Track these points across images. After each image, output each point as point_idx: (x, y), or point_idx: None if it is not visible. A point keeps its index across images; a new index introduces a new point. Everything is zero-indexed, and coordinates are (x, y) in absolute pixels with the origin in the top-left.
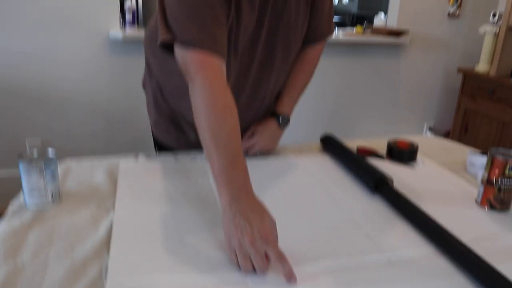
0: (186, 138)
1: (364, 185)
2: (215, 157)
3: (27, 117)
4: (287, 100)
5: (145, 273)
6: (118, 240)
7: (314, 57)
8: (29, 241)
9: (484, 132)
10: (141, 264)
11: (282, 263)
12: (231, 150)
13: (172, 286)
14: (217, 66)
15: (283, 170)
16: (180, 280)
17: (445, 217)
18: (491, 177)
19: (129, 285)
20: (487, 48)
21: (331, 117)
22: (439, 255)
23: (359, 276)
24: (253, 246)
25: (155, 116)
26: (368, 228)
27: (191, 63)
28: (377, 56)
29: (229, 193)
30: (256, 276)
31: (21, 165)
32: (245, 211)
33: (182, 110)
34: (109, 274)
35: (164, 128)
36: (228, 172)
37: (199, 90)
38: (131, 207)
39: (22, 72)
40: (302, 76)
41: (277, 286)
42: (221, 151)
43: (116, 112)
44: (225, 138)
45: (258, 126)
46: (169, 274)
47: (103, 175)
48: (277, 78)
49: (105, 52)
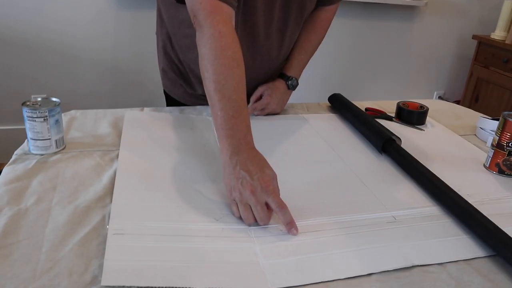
0: (193, 91)
1: (372, 145)
2: (218, 109)
3: (32, 77)
4: (297, 62)
5: (147, 219)
6: (121, 185)
7: (326, 19)
8: (33, 187)
9: (495, 102)
10: (144, 210)
11: (283, 212)
12: (235, 102)
13: (174, 233)
14: (227, 15)
15: (290, 127)
16: (182, 228)
17: (453, 179)
18: (501, 140)
19: (131, 229)
20: (506, 14)
21: (340, 78)
22: (445, 215)
23: (364, 231)
24: (254, 196)
25: (164, 65)
26: (374, 186)
27: (200, 8)
28: (390, 18)
29: (230, 145)
30: (258, 227)
31: (25, 111)
32: (246, 163)
33: (189, 62)
34: (111, 217)
35: (172, 78)
36: (231, 124)
37: (207, 37)
38: (135, 154)
39: (26, 29)
40: (313, 38)
41: (279, 236)
42: (225, 103)
43: (124, 71)
44: (230, 90)
45: (267, 88)
46: (171, 221)
47: (108, 126)
48: (290, 38)
49: (113, 6)
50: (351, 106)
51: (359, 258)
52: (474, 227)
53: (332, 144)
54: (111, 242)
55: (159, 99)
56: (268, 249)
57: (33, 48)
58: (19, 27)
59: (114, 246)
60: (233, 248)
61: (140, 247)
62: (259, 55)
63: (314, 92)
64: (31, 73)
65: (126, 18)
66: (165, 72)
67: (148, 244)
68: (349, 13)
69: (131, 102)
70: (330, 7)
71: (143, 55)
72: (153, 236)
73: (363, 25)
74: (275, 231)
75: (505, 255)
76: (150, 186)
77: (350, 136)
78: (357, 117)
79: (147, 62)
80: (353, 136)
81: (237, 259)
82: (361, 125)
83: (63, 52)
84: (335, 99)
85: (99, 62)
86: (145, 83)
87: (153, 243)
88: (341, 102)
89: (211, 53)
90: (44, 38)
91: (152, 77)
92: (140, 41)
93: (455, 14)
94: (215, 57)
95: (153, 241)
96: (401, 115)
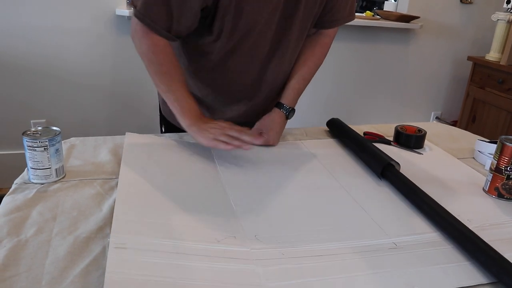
0: None
1: (371, 170)
2: (165, 91)
3: (31, 101)
4: (295, 92)
5: (149, 235)
6: (122, 201)
7: (325, 45)
8: (33, 217)
9: (492, 123)
10: (145, 226)
11: (242, 134)
12: (177, 85)
13: (176, 251)
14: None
15: (289, 153)
16: (183, 246)
17: (452, 204)
18: (500, 165)
19: (132, 244)
20: (499, 36)
21: (338, 100)
22: (446, 241)
23: (365, 258)
24: (221, 129)
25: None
26: (375, 212)
27: (136, 31)
28: (386, 41)
29: (187, 119)
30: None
31: (25, 141)
32: (204, 126)
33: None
34: (112, 230)
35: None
36: (182, 103)
37: (140, 41)
38: (136, 174)
39: (25, 55)
40: (312, 65)
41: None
42: (169, 87)
43: (122, 96)
44: (169, 76)
45: (264, 125)
46: (173, 239)
47: (108, 153)
48: (290, 59)
49: (111, 30)
50: (350, 131)
51: (361, 284)
52: (476, 254)
53: (332, 170)
54: (112, 255)
55: (157, 125)
56: (270, 272)
57: (32, 73)
58: (18, 53)
59: (116, 260)
60: (235, 269)
61: (142, 262)
62: (257, 76)
63: (312, 115)
64: (30, 98)
65: (124, 44)
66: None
67: (150, 259)
68: (346, 36)
69: (129, 128)
70: (329, 31)
71: (141, 80)
72: (154, 252)
73: (360, 48)
74: (278, 254)
75: (508, 282)
76: (151, 206)
77: (349, 161)
78: (355, 142)
79: (145, 88)
80: (352, 161)
81: (239, 281)
82: (360, 151)
83: (61, 77)
84: (334, 124)
85: (97, 87)
86: (143, 109)
87: (155, 259)
88: (339, 127)
89: (145, 48)
90: (43, 64)
91: (150, 103)
92: (138, 66)
93: (449, 36)
94: (150, 50)
95: (155, 257)
96: (399, 139)
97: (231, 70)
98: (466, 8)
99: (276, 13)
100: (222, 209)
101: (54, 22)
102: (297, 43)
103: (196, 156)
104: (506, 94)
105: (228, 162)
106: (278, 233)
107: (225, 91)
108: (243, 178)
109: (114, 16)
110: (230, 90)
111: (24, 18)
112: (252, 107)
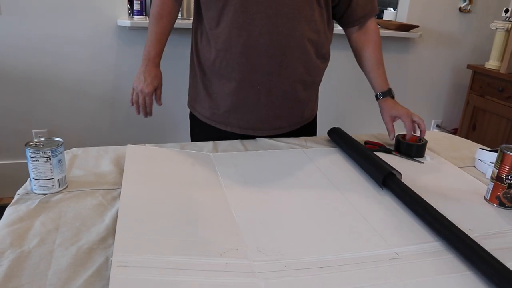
0: (216, 107)
1: (372, 180)
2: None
3: (33, 111)
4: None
5: (151, 251)
6: (124, 217)
7: (375, 29)
8: (35, 228)
9: (492, 131)
10: (147, 242)
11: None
12: (155, 37)
13: (178, 267)
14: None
15: (290, 162)
16: (185, 261)
17: (454, 213)
18: (501, 173)
19: (134, 261)
20: (498, 44)
21: (339, 109)
22: (448, 250)
23: (367, 268)
24: (141, 91)
25: (191, 78)
26: (376, 223)
27: None
28: (386, 50)
29: (144, 58)
30: (261, 262)
31: (28, 152)
32: (146, 71)
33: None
34: (115, 249)
35: (196, 91)
36: (148, 48)
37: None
38: (138, 188)
39: (28, 65)
40: (375, 48)
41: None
42: (151, 37)
43: (125, 106)
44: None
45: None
46: (175, 255)
47: (110, 163)
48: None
49: (113, 40)
50: (351, 140)
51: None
52: (477, 263)
53: (333, 179)
54: (115, 274)
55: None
56: (273, 284)
57: (34, 82)
58: (20, 62)
59: (118, 278)
60: (237, 283)
61: (144, 280)
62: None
63: None
64: (31, 107)
65: (126, 54)
66: (191, 88)
67: (152, 277)
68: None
69: (131, 137)
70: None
71: None
72: (156, 269)
73: None
74: (280, 266)
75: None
76: (153, 219)
77: (350, 171)
78: (356, 151)
79: None
80: (353, 171)
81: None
82: (361, 160)
83: (63, 87)
84: (335, 133)
85: (98, 96)
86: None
87: (157, 276)
88: (340, 136)
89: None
90: (44, 73)
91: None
92: None
93: (449, 44)
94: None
95: (157, 274)
96: (400, 148)
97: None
98: (465, 16)
99: None
100: (224, 221)
101: (56, 32)
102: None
103: (198, 166)
104: (506, 102)
105: (229, 171)
106: (280, 245)
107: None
108: (244, 188)
109: (115, 27)
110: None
111: (26, 28)
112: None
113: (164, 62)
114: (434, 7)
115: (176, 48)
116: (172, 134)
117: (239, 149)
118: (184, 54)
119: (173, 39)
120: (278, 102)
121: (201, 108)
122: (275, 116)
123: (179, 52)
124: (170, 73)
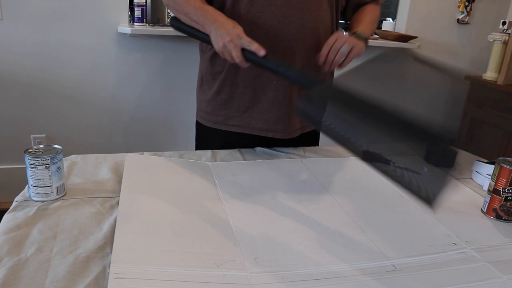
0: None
1: (370, 189)
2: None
3: (32, 116)
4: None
5: (149, 263)
6: (122, 229)
7: (373, 7)
8: (33, 235)
9: (490, 142)
10: (145, 254)
11: (252, 44)
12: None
13: (175, 279)
14: None
15: (288, 172)
16: (183, 273)
17: (451, 225)
18: (497, 186)
19: (132, 273)
20: (496, 56)
21: None
22: (445, 263)
23: (363, 281)
24: (232, 42)
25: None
26: (373, 234)
27: None
28: None
29: (209, 23)
30: (258, 273)
31: (27, 159)
32: (222, 25)
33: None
34: (112, 261)
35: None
36: (204, 13)
37: None
38: (136, 198)
39: (27, 71)
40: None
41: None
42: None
43: (122, 110)
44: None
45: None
46: (173, 266)
47: (108, 171)
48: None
49: (113, 47)
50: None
51: None
52: None
53: (330, 189)
54: (112, 286)
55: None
56: None
57: (33, 87)
58: (19, 68)
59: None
60: None
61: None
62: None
63: None
64: (30, 113)
65: (126, 61)
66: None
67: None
68: None
69: (130, 144)
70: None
71: (142, 97)
72: (154, 281)
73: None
74: (277, 278)
75: None
76: (151, 230)
77: (348, 180)
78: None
79: (147, 105)
80: (351, 180)
81: None
82: None
83: (62, 93)
84: None
85: (97, 103)
86: (144, 126)
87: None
88: None
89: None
90: (44, 79)
91: (151, 120)
92: (139, 83)
93: (447, 55)
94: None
95: (154, 286)
96: None
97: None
98: (463, 28)
99: None
100: (221, 232)
101: (56, 38)
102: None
103: (196, 176)
104: (504, 113)
105: (228, 181)
106: (278, 256)
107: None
108: (242, 199)
109: (116, 34)
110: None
111: (27, 33)
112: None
113: (167, 68)
114: (432, 18)
115: (178, 55)
116: (172, 142)
117: (238, 158)
118: (188, 61)
119: (179, 45)
120: (294, 95)
121: (210, 113)
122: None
123: (183, 60)
124: (172, 81)
